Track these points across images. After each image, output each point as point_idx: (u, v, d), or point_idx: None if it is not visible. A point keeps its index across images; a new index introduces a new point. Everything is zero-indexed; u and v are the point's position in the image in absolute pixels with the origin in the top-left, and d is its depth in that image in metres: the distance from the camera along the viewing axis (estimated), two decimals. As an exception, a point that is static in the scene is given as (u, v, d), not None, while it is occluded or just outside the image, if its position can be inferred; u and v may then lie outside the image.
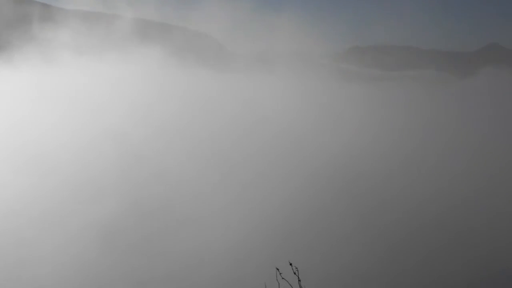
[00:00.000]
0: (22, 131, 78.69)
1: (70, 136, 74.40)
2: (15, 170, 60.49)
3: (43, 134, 77.03)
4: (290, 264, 7.49)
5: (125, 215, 47.53)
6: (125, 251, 40.27)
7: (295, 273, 7.56)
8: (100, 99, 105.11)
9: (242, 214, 48.75)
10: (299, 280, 7.64)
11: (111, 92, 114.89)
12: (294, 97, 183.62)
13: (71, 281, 36.64)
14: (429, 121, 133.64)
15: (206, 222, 46.94)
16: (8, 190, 53.27)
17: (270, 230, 45.00)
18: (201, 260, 38.67)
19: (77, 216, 47.05)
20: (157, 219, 46.77)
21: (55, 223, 45.20)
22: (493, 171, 73.86)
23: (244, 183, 59.89)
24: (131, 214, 47.78)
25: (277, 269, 7.58)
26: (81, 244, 41.70)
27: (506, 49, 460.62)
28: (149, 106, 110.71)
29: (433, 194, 61.99)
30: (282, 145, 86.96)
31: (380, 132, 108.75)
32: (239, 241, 42.20)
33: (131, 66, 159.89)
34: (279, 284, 7.80)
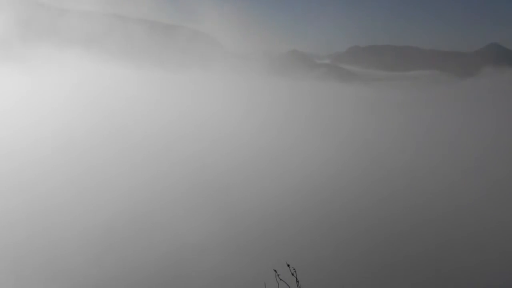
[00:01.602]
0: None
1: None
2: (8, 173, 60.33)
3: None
4: (288, 265, 7.51)
5: (120, 217, 47.46)
6: (122, 252, 40.28)
7: (293, 274, 7.58)
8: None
9: (241, 215, 48.72)
10: (297, 281, 7.65)
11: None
12: (291, 97, 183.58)
13: (68, 281, 36.66)
14: (429, 120, 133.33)
15: (205, 222, 46.92)
16: (4, 193, 53.24)
17: (269, 231, 45.02)
18: (200, 260, 38.69)
19: (74, 218, 47.01)
20: (153, 221, 46.77)
21: (49, 225, 45.17)
22: (493, 170, 73.65)
23: (243, 184, 59.84)
24: (126, 216, 47.72)
25: (275, 270, 7.60)
26: (77, 245, 41.69)
27: (506, 49, 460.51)
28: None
29: (433, 194, 61.78)
30: (281, 146, 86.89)
31: (379, 132, 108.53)
32: (239, 241, 42.24)
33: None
34: (278, 284, 7.81)
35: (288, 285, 7.84)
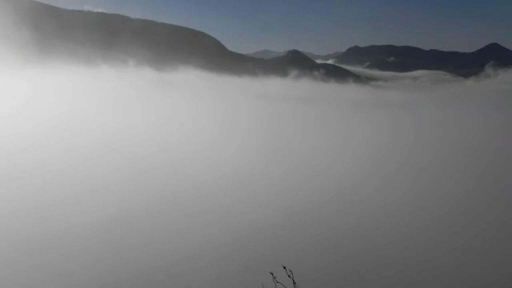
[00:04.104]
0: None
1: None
2: (15, 172, 60.54)
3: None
4: (284, 268, 7.53)
5: (122, 217, 47.60)
6: (124, 252, 40.39)
7: (289, 276, 7.60)
8: None
9: (238, 218, 48.76)
10: (294, 283, 7.68)
11: None
12: (291, 97, 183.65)
13: (72, 280, 36.80)
14: (429, 120, 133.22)
15: (203, 223, 47.00)
16: (9, 191, 53.39)
17: (266, 234, 45.08)
18: (198, 263, 38.77)
19: (78, 216, 47.17)
20: (153, 221, 46.87)
21: (56, 223, 45.42)
22: (494, 170, 73.60)
23: (242, 185, 59.84)
24: (128, 216, 47.86)
25: (271, 273, 7.62)
26: (82, 243, 41.83)
27: (506, 49, 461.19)
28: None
29: (434, 195, 61.77)
30: (281, 146, 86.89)
31: (379, 132, 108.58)
32: (236, 244, 42.30)
33: None
34: (276, 286, 7.84)
35: (285, 287, 7.87)
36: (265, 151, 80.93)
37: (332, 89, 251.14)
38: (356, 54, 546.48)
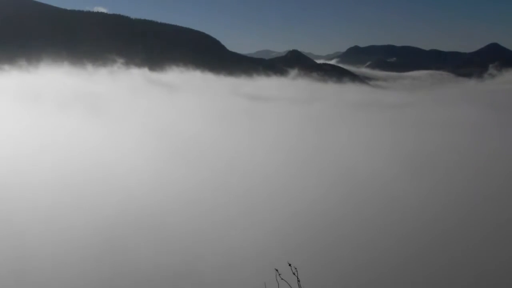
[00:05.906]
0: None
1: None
2: (16, 172, 60.49)
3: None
4: (289, 265, 7.46)
5: (123, 218, 47.51)
6: (124, 253, 40.36)
7: (294, 274, 7.53)
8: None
9: (243, 215, 48.75)
10: (298, 281, 7.61)
11: None
12: (290, 98, 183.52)
13: (71, 281, 36.74)
14: (429, 121, 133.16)
15: (205, 223, 46.97)
16: (9, 192, 53.30)
17: (270, 231, 45.05)
18: (201, 260, 38.73)
19: (77, 219, 47.11)
20: (156, 221, 46.84)
21: (55, 225, 45.37)
22: (494, 172, 73.44)
23: (244, 186, 59.85)
24: (129, 218, 47.80)
25: (276, 270, 7.55)
26: (81, 246, 41.77)
27: (506, 49, 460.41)
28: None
29: (433, 196, 61.74)
30: (280, 146, 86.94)
31: (379, 133, 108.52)
32: (239, 241, 42.25)
33: None
34: (278, 284, 7.77)
35: (289, 284, 7.80)
36: (265, 151, 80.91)
37: (332, 89, 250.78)
38: (356, 54, 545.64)
